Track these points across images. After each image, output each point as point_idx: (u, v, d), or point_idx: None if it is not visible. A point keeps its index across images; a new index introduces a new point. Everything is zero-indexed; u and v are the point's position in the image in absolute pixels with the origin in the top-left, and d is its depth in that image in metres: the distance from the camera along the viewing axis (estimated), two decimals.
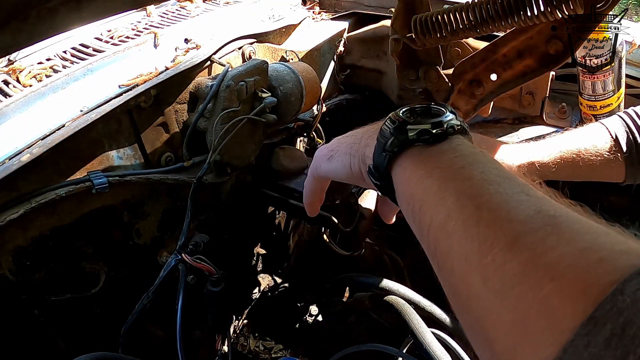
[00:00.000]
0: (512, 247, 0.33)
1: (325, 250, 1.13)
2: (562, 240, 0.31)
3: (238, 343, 1.56)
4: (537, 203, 0.35)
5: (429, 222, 0.41)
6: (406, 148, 0.45)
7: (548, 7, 0.78)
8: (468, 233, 0.36)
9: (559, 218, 0.33)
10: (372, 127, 0.55)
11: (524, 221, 0.34)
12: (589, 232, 0.32)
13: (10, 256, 0.78)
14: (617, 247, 0.29)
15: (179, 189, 1.00)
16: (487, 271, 0.33)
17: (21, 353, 0.84)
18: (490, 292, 0.33)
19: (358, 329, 1.17)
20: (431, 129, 0.45)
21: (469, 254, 0.36)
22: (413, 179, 0.44)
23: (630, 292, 0.26)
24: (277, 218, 1.38)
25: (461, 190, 0.39)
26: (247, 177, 1.14)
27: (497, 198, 0.37)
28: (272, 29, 1.25)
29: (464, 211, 0.37)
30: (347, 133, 0.60)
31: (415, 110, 0.49)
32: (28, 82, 0.93)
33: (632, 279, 0.26)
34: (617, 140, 0.79)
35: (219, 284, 0.90)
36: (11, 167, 0.75)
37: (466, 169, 0.41)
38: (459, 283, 0.37)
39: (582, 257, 0.29)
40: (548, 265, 0.30)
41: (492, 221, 0.35)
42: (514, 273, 0.32)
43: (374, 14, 1.49)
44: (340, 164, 0.56)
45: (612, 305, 0.26)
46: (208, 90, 0.98)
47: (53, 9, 0.42)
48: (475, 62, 1.01)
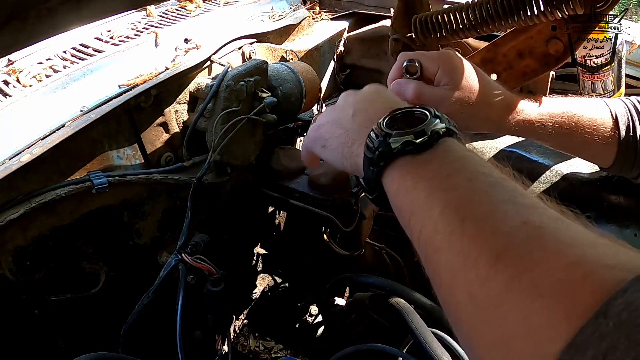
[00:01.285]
0: (496, 263, 0.32)
1: (325, 250, 1.13)
2: (547, 255, 0.30)
3: (238, 343, 1.57)
4: (523, 213, 0.34)
5: (418, 234, 0.40)
6: (392, 161, 0.44)
7: (548, 7, 0.78)
8: (453, 247, 0.35)
9: (545, 229, 0.32)
10: (362, 126, 0.52)
11: (509, 233, 0.33)
12: (576, 244, 0.30)
13: (10, 256, 0.78)
14: (603, 261, 0.28)
15: (179, 189, 1.00)
16: (473, 287, 0.33)
17: (21, 353, 0.84)
18: (477, 309, 0.32)
19: (358, 328, 1.17)
20: (414, 139, 0.43)
21: (454, 268, 0.35)
22: (401, 191, 0.43)
23: (613, 314, 0.24)
24: (277, 218, 1.38)
25: (446, 202, 0.38)
26: (247, 177, 1.14)
27: (481, 209, 0.36)
28: (272, 29, 1.25)
29: (449, 224, 0.37)
30: (336, 113, 0.56)
31: (396, 117, 0.47)
32: (28, 82, 0.93)
33: (617, 297, 0.25)
34: (616, 120, 0.77)
35: (219, 283, 0.89)
36: (11, 167, 0.75)
37: (452, 177, 0.40)
38: (447, 297, 0.37)
39: (566, 274, 0.28)
40: (532, 283, 0.29)
41: (476, 234, 0.34)
42: (498, 291, 0.31)
43: (374, 13, 1.49)
44: (333, 159, 0.55)
45: (595, 329, 0.25)
46: (208, 90, 0.98)
47: (53, 9, 0.42)
48: (475, 62, 1.01)
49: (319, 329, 1.36)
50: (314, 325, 1.37)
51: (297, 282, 1.40)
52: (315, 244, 1.17)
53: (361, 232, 1.11)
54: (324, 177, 1.06)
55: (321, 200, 1.06)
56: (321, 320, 1.37)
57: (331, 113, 0.58)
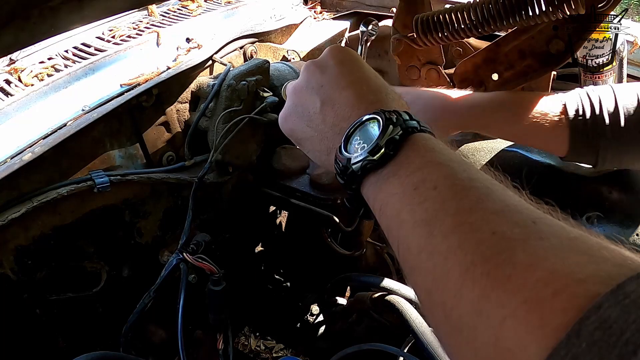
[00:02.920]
0: (465, 281, 0.31)
1: (326, 249, 1.13)
2: (515, 270, 0.29)
3: (239, 342, 1.57)
4: (492, 221, 0.33)
5: (397, 252, 0.40)
6: (362, 180, 0.43)
7: (549, 7, 0.78)
8: (424, 266, 0.35)
9: (515, 240, 0.31)
10: (335, 123, 0.49)
11: (477, 247, 0.31)
12: (547, 255, 0.29)
13: (11, 255, 0.78)
14: (575, 275, 0.27)
15: (181, 188, 1.00)
16: (446, 308, 0.32)
17: (23, 352, 0.84)
18: (453, 329, 0.32)
19: (359, 328, 1.17)
20: (371, 156, 0.41)
21: (429, 288, 0.34)
22: (376, 207, 0.42)
23: (586, 334, 0.23)
24: (279, 217, 1.38)
25: (416, 218, 0.37)
26: (248, 176, 1.14)
27: (449, 222, 0.34)
28: (274, 29, 1.25)
29: (418, 242, 0.36)
30: (302, 99, 0.53)
31: (349, 135, 0.45)
32: (30, 82, 0.93)
33: (590, 315, 0.24)
34: (565, 105, 0.80)
35: (220, 283, 0.90)
36: (13, 166, 0.75)
37: (419, 189, 0.38)
38: (428, 315, 0.36)
39: (535, 292, 0.27)
40: (501, 302, 0.28)
41: (446, 250, 0.33)
42: (468, 311, 0.30)
43: (376, 13, 1.49)
44: (312, 159, 0.54)
45: (567, 351, 0.24)
46: (209, 89, 0.98)
47: (55, 8, 0.42)
48: (476, 61, 1.01)
49: (320, 328, 1.36)
50: (314, 324, 1.37)
51: (298, 282, 1.40)
52: (316, 244, 1.17)
53: (362, 231, 1.12)
54: (325, 176, 1.06)
55: (322, 200, 1.06)
56: (322, 319, 1.37)
57: (296, 99, 0.54)
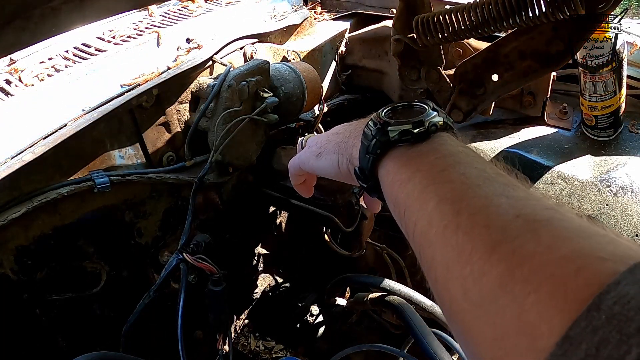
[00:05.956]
0: (490, 257, 0.32)
1: (326, 250, 1.13)
2: (540, 248, 0.30)
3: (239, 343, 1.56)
4: (517, 206, 0.34)
5: (413, 227, 0.40)
6: (389, 150, 0.45)
7: (549, 8, 0.78)
8: (447, 241, 0.35)
9: (539, 222, 0.32)
10: (360, 125, 0.53)
11: (502, 227, 0.33)
12: (570, 236, 0.30)
13: (11, 255, 0.78)
14: (597, 253, 0.28)
15: (181, 189, 1.00)
16: (467, 282, 0.33)
17: (22, 352, 0.84)
18: (471, 305, 0.32)
19: (359, 329, 1.18)
20: (412, 128, 0.44)
21: (449, 263, 0.35)
22: (396, 182, 0.43)
23: (606, 307, 0.24)
24: (279, 218, 1.39)
25: (441, 195, 0.38)
26: (248, 176, 1.14)
27: (475, 203, 0.36)
28: (274, 29, 1.25)
29: (443, 217, 0.36)
30: (334, 129, 0.58)
31: (397, 109, 0.48)
32: (30, 82, 0.93)
33: (609, 290, 0.25)
34: None
35: (220, 283, 0.90)
36: (13, 166, 0.75)
37: (447, 171, 0.40)
38: (442, 292, 0.36)
39: (559, 268, 0.28)
40: (525, 278, 0.29)
41: (471, 228, 0.34)
42: (491, 286, 0.31)
43: (376, 14, 1.49)
44: (328, 163, 0.56)
45: (588, 323, 0.25)
46: (210, 90, 0.98)
47: (56, 8, 0.42)
48: (476, 62, 1.01)
49: (320, 329, 1.36)
50: (314, 325, 1.38)
51: (298, 282, 1.41)
52: (316, 244, 1.17)
53: (362, 232, 1.12)
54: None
55: (322, 201, 1.06)
56: (322, 320, 1.37)
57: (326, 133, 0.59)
